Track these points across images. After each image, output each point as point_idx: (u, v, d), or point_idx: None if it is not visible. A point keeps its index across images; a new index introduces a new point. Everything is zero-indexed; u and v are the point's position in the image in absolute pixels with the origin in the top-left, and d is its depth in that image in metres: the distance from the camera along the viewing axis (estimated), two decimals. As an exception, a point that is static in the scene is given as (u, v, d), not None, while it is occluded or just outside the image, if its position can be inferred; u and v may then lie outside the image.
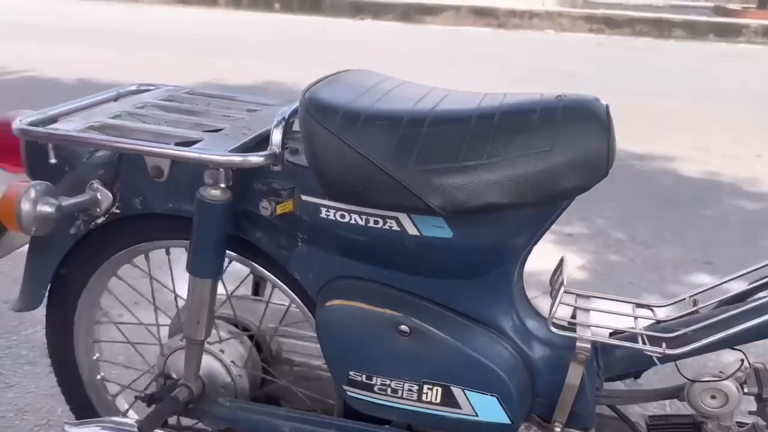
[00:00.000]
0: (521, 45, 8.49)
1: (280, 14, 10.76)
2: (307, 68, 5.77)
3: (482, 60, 6.99)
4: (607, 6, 12.00)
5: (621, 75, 6.24)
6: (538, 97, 0.82)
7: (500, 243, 0.83)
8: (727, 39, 9.91)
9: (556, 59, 7.16)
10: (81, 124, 0.89)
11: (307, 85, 0.85)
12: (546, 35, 9.83)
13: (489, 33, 9.85)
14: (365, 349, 0.86)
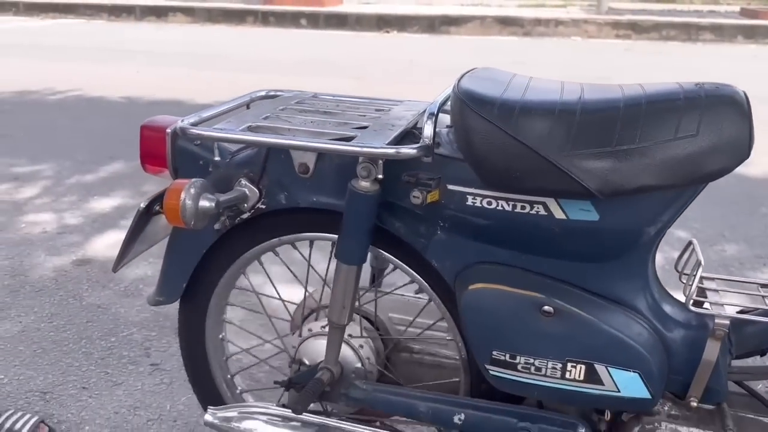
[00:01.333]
0: (549, 52, 8.51)
1: (307, 30, 10.93)
2: (343, 81, 5.85)
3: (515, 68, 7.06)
4: (633, 12, 11.99)
5: (654, 78, 6.26)
6: (678, 85, 0.86)
7: (642, 225, 0.88)
8: (755, 41, 9.85)
9: (587, 65, 7.18)
10: (237, 125, 0.95)
11: (455, 79, 0.91)
12: (573, 42, 9.85)
13: (515, 41, 9.89)
14: (508, 329, 0.91)
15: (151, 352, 1.78)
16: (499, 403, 1.01)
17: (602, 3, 11.07)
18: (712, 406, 0.93)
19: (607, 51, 8.68)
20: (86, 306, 2.02)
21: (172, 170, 1.07)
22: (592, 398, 0.90)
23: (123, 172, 3.25)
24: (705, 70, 7.08)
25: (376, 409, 1.06)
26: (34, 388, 1.63)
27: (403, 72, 6.63)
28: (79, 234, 2.51)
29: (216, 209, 0.94)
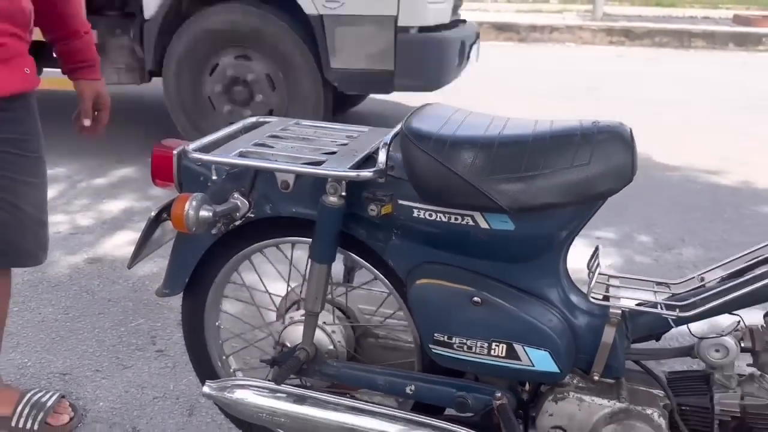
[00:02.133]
0: (543, 59, 8.69)
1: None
2: None
3: (509, 75, 7.22)
4: (627, 18, 12.19)
5: (642, 86, 6.44)
6: (578, 123, 1.08)
7: (551, 233, 1.09)
8: (746, 48, 10.04)
9: (578, 73, 7.36)
10: (231, 151, 1.17)
11: (404, 118, 1.12)
12: (567, 48, 10.05)
13: (511, 47, 10.09)
14: (446, 316, 1.12)
15: (156, 340, 2.00)
16: (442, 376, 1.22)
17: (597, 9, 11.28)
18: (611, 380, 1.15)
19: (600, 57, 8.87)
20: (98, 300, 2.24)
21: (177, 185, 1.28)
22: (512, 371, 1.11)
23: (130, 176, 3.48)
24: (693, 77, 7.27)
25: (345, 384, 1.27)
26: (54, 371, 1.85)
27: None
28: (91, 235, 2.74)
29: (213, 218, 1.15)
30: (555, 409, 1.13)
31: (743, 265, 1.12)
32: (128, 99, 5.09)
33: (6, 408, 1.60)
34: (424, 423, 1.17)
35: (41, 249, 1.51)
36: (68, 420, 1.62)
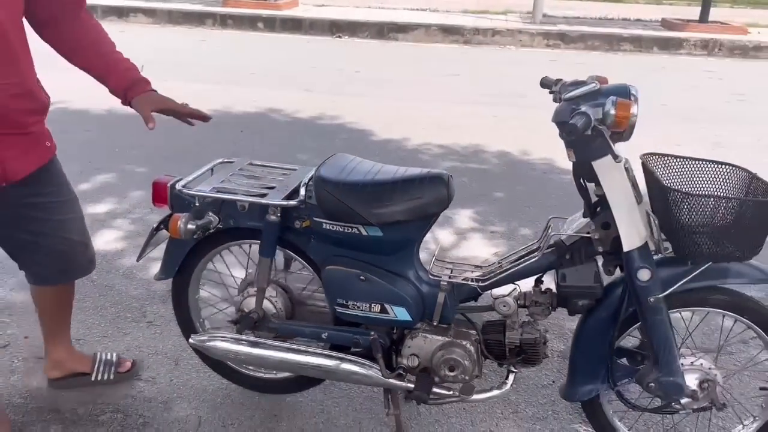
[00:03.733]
0: (481, 64, 9.38)
1: (264, 33, 11.59)
2: (295, 93, 6.59)
3: (446, 81, 7.86)
4: (566, 21, 13.02)
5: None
6: (419, 171, 1.75)
7: (404, 238, 1.76)
8: (668, 51, 10.95)
9: (510, 79, 8.07)
10: (208, 187, 1.81)
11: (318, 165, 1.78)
12: (507, 51, 10.81)
13: (455, 49, 10.79)
14: (344, 288, 1.78)
15: (146, 315, 2.64)
16: (344, 327, 1.90)
17: (537, 13, 12.07)
18: (445, 325, 1.84)
19: (535, 62, 9.61)
20: (98, 285, 2.84)
21: (170, 206, 1.92)
22: (385, 321, 1.79)
23: (108, 181, 4.04)
24: (613, 81, 8.05)
25: (284, 335, 1.94)
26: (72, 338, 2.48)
27: (348, 83, 7.41)
28: None
29: (196, 229, 1.80)
30: (411, 344, 1.82)
31: (522, 253, 1.85)
32: (99, 103, 5.59)
33: (85, 367, 2.20)
34: (333, 356, 1.86)
35: (90, 262, 2.06)
36: (131, 366, 2.24)
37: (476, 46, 11.12)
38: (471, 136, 5.23)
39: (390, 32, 11.51)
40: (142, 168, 4.19)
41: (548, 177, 4.31)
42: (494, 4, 16.07)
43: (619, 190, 1.59)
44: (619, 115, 1.45)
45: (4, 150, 1.64)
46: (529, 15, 12.54)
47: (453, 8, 15.26)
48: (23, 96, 1.66)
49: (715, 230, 1.54)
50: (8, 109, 1.61)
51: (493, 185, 4.11)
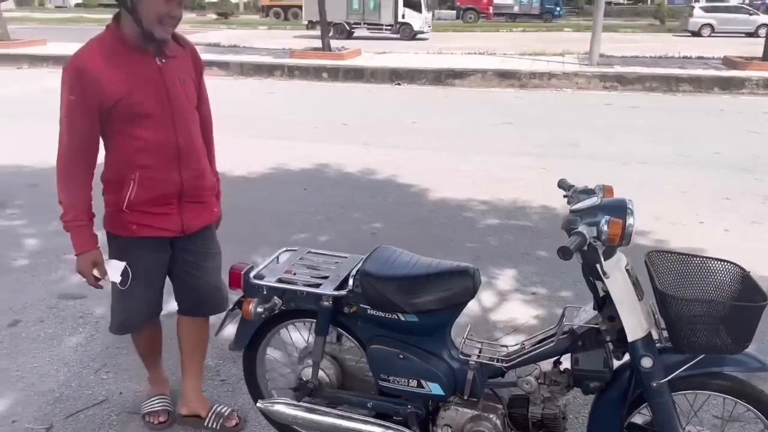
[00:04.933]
0: (536, 109, 9.52)
1: (328, 82, 12.18)
2: (355, 148, 6.95)
3: (499, 130, 8.09)
4: (624, 60, 13.08)
5: (616, 141, 7.28)
6: (450, 264, 2.04)
7: (438, 322, 2.04)
8: (729, 92, 10.83)
9: (564, 126, 8.21)
10: (273, 277, 2.16)
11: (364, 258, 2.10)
12: (563, 94, 10.97)
13: (511, 93, 11.02)
14: (386, 364, 2.08)
15: (220, 373, 3.01)
16: (387, 398, 2.19)
17: (593, 54, 12.20)
18: (474, 399, 2.10)
19: (590, 105, 9.70)
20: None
21: (243, 290, 2.29)
22: (421, 395, 2.07)
23: None
24: (666, 127, 8.08)
25: (336, 402, 2.24)
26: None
27: (404, 135, 7.76)
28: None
29: (263, 312, 2.15)
30: (444, 415, 2.09)
31: (542, 337, 2.10)
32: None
33: (203, 411, 2.48)
34: (376, 423, 2.15)
35: (221, 303, 2.39)
36: (235, 423, 2.49)
37: (532, 89, 11.33)
38: (518, 191, 5.46)
39: (447, 78, 11.89)
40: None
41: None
42: (551, 46, 16.26)
43: (620, 289, 1.83)
44: (612, 233, 1.70)
45: (185, 212, 2.21)
46: (586, 56, 12.68)
47: (510, 51, 15.54)
48: (201, 178, 2.22)
49: (706, 327, 1.76)
50: (191, 186, 2.19)
51: (537, 244, 4.33)
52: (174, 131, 2.11)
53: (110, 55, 2.01)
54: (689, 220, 4.83)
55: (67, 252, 4.13)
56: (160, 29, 1.99)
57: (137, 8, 1.95)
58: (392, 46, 18.16)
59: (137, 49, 2.03)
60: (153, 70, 2.06)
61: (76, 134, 2.04)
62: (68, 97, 1.99)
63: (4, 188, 5.33)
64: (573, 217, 1.81)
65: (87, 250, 2.13)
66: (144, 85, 2.03)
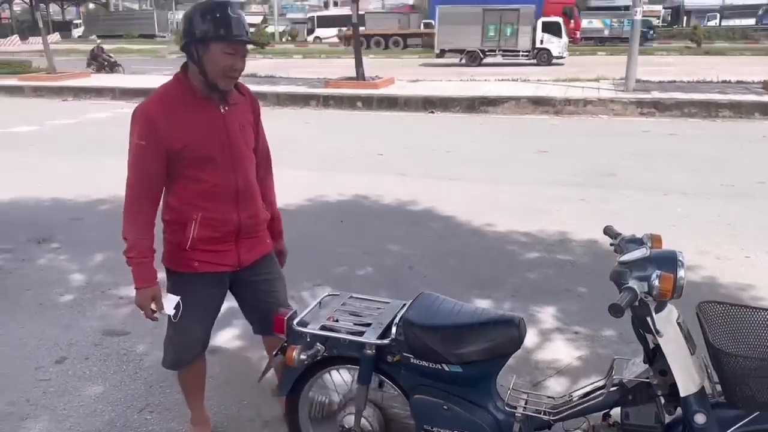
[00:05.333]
0: (572, 136, 9.42)
1: (363, 111, 12.30)
2: (390, 178, 6.98)
3: (535, 159, 8.03)
4: (660, 86, 12.91)
5: (655, 170, 7.14)
6: (494, 313, 2.02)
7: (482, 373, 2.02)
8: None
9: (601, 154, 8.11)
10: (317, 324, 2.17)
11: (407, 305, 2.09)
12: (599, 120, 10.86)
13: (546, 120, 10.96)
14: (429, 415, 2.06)
15: (261, 415, 3.01)
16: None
17: (629, 80, 12.07)
18: None
19: (627, 132, 9.56)
20: (220, 383, 3.25)
21: (286, 336, 2.30)
22: None
23: None
24: (704, 156, 7.90)
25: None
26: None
27: (440, 164, 7.75)
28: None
29: (306, 359, 2.15)
30: (489, 464, 2.07)
31: (590, 389, 2.06)
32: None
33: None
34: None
35: None
36: None
37: (567, 116, 11.25)
38: (558, 223, 5.39)
39: (481, 105, 11.90)
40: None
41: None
42: (585, 72, 16.16)
43: (672, 344, 1.78)
44: (663, 289, 1.67)
45: (240, 248, 2.32)
46: (622, 82, 12.55)
47: (543, 77, 15.50)
48: (256, 216, 2.35)
49: (761, 382, 1.70)
50: (247, 224, 2.31)
51: (579, 279, 4.26)
52: (234, 175, 2.22)
53: (178, 103, 2.12)
54: (735, 254, 4.70)
55: (111, 287, 4.29)
56: (223, 81, 2.10)
57: (203, 60, 2.06)
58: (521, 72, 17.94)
59: (203, 97, 2.14)
60: (217, 118, 2.17)
61: (143, 177, 2.15)
62: (137, 142, 2.10)
63: (48, 223, 5.48)
64: (622, 269, 1.78)
65: (148, 286, 2.22)
66: (208, 131, 2.15)
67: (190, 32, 2.05)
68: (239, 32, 2.05)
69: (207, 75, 2.08)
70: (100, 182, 6.75)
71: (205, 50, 2.04)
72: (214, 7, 2.04)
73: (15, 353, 3.40)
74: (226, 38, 2.03)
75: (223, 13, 2.03)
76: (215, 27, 2.02)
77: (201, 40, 2.04)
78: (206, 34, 2.03)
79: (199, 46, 2.05)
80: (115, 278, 4.28)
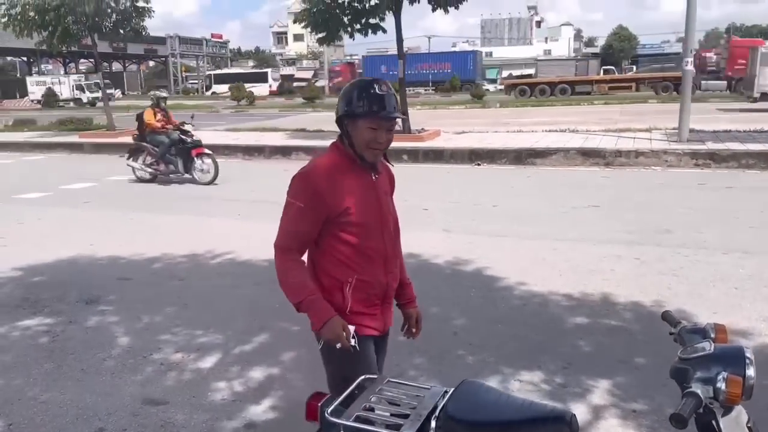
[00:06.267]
0: (624, 190, 9.14)
1: (408, 164, 12.28)
2: (435, 234, 6.80)
3: (586, 215, 7.80)
4: (715, 135, 12.53)
5: (713, 226, 6.80)
6: (544, 406, 1.87)
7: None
8: (838, 167, 10.04)
9: (655, 209, 7.81)
10: (351, 415, 2.06)
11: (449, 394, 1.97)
12: (651, 172, 10.55)
13: (596, 173, 10.69)
14: None
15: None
16: None
17: (682, 130, 11.75)
18: None
19: (682, 185, 9.21)
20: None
21: (320, 424, 2.18)
22: None
23: (270, 342, 4.30)
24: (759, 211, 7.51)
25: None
26: None
27: (485, 219, 7.60)
28: (246, 402, 3.61)
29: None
30: None
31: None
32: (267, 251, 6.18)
33: None
34: None
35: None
36: None
37: (619, 168, 10.99)
38: (610, 284, 5.16)
39: (528, 157, 11.76)
40: (296, 326, 4.56)
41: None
42: (636, 120, 15.88)
43: (743, 451, 1.60)
44: (731, 393, 1.50)
45: (384, 312, 2.43)
46: (674, 132, 12.25)
47: (593, 127, 15.29)
48: (396, 280, 2.45)
49: None
50: (391, 288, 2.43)
51: (635, 349, 4.01)
52: (383, 238, 2.34)
53: (339, 170, 2.24)
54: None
55: (153, 352, 4.25)
56: (368, 153, 2.23)
57: (351, 134, 2.21)
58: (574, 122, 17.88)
59: (359, 165, 2.26)
60: (370, 185, 2.30)
61: (297, 237, 2.27)
62: (296, 204, 2.22)
63: (97, 282, 5.56)
64: (683, 366, 1.63)
65: (331, 316, 2.20)
66: (364, 197, 2.28)
67: (340, 107, 2.23)
68: (379, 108, 2.17)
69: (354, 147, 2.22)
70: (151, 240, 6.89)
71: (352, 125, 2.20)
72: (362, 85, 2.22)
73: (54, 422, 3.38)
74: (368, 114, 2.17)
75: (366, 91, 2.18)
76: (358, 103, 2.18)
77: (348, 115, 2.20)
78: (351, 110, 2.19)
79: (347, 120, 2.21)
80: (158, 343, 4.27)
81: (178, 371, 3.90)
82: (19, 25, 15.08)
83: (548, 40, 75.40)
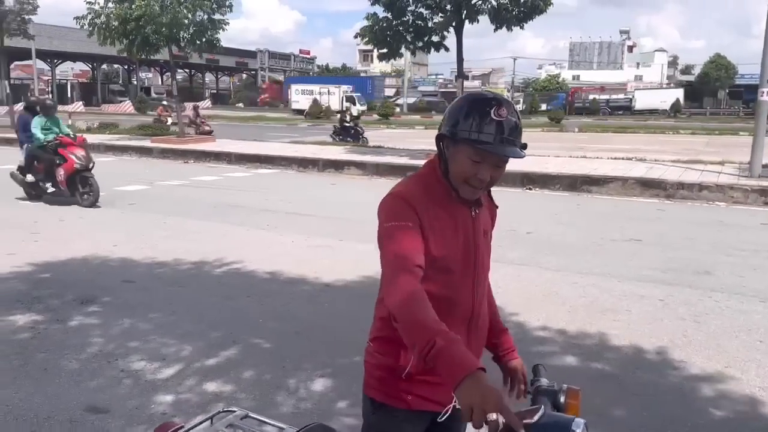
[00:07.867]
0: (677, 224, 8.52)
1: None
2: None
3: (624, 248, 7.25)
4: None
5: (760, 271, 6.13)
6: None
7: None
8: None
9: (701, 247, 7.17)
10: None
11: None
12: (714, 208, 9.76)
13: (654, 204, 10.02)
14: None
15: None
16: None
17: (755, 165, 10.87)
18: None
19: (743, 224, 8.43)
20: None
21: None
22: None
23: (235, 358, 4.08)
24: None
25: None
26: None
27: (515, 245, 7.13)
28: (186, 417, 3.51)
29: None
30: None
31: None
32: (275, 263, 6.14)
33: None
34: None
35: None
36: None
37: (679, 201, 10.29)
38: (618, 326, 4.70)
39: (583, 185, 11.22)
40: (268, 344, 4.42)
41: (714, 399, 3.62)
42: (718, 153, 14.82)
43: None
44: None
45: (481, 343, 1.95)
46: (747, 166, 11.33)
47: (665, 157, 14.42)
48: (483, 340, 1.96)
49: None
50: (475, 351, 1.86)
51: (618, 400, 3.59)
52: (472, 293, 1.85)
53: (430, 197, 1.78)
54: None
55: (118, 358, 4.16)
56: (464, 189, 1.75)
57: (449, 159, 1.75)
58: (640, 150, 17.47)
59: (456, 196, 1.80)
60: (467, 223, 1.83)
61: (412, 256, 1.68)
62: (393, 224, 1.71)
63: (100, 283, 5.65)
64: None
65: (478, 367, 1.45)
66: (455, 237, 1.80)
67: (444, 124, 1.75)
68: (490, 137, 1.66)
69: (448, 177, 1.76)
70: (171, 245, 6.99)
71: (453, 149, 1.72)
72: (475, 100, 1.72)
73: (-9, 421, 3.37)
74: (474, 143, 1.67)
75: (480, 111, 1.67)
76: (465, 124, 1.68)
77: (450, 136, 1.72)
78: (455, 131, 1.70)
79: (448, 141, 1.74)
80: (127, 349, 4.25)
81: (134, 379, 3.85)
82: (103, 34, 15.99)
83: (640, 66, 72.81)
